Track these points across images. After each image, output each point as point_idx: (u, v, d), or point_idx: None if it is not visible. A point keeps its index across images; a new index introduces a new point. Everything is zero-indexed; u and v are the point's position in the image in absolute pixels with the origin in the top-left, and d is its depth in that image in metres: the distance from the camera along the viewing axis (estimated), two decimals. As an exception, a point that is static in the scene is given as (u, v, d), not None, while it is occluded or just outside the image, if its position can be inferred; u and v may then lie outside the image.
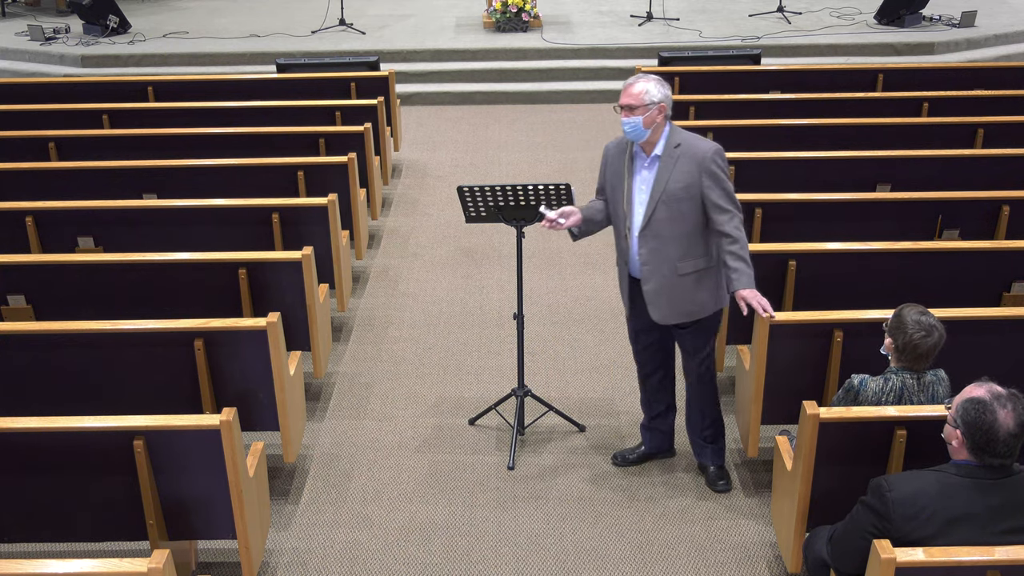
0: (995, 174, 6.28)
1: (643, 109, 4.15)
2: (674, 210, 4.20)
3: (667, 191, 4.19)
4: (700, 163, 4.18)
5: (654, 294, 4.33)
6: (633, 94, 4.17)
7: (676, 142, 4.22)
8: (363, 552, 4.33)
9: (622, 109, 4.19)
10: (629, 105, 4.17)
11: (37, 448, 3.68)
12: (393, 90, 8.19)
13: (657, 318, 4.37)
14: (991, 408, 3.03)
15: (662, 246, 4.25)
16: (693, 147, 4.21)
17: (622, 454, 4.84)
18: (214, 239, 5.53)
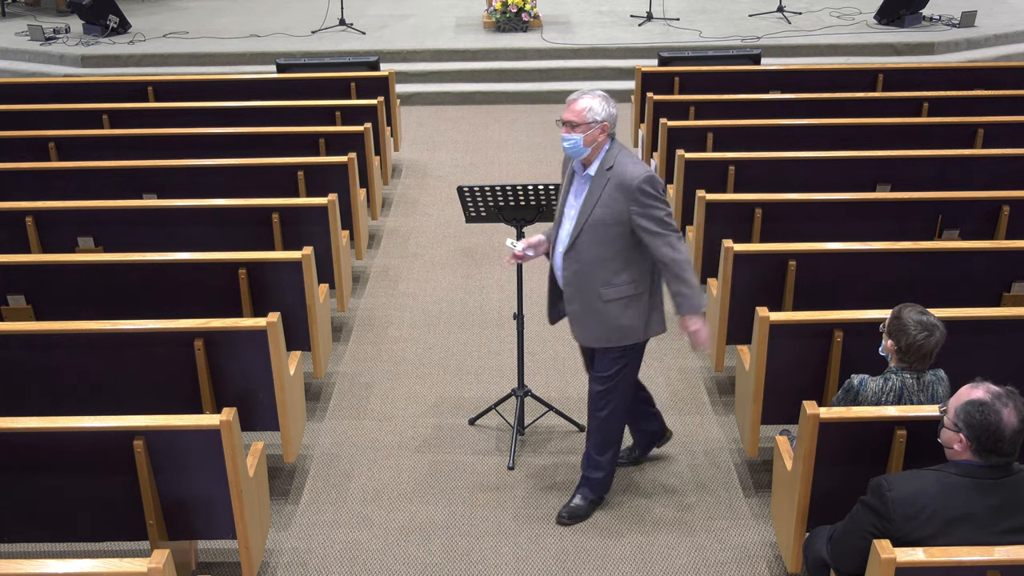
0: (995, 174, 6.28)
1: (585, 127, 3.99)
2: (600, 235, 4.03)
3: (593, 215, 4.03)
4: (627, 191, 3.98)
5: (577, 316, 4.20)
6: (576, 110, 4.00)
7: (609, 164, 4.03)
8: (363, 552, 4.33)
9: (563, 124, 4.03)
10: (571, 122, 4.00)
11: (37, 448, 3.68)
12: (393, 90, 8.19)
13: (576, 336, 4.28)
14: (994, 408, 3.03)
15: (585, 269, 4.09)
16: (623, 173, 4.00)
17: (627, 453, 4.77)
18: (214, 239, 5.53)
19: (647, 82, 8.13)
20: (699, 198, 5.65)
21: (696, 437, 5.06)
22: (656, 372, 5.60)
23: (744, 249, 5.07)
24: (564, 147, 4.11)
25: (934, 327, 3.70)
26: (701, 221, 5.68)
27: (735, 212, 5.65)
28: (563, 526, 4.43)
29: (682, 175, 6.29)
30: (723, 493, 4.66)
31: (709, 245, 5.69)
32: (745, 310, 4.98)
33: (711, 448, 4.98)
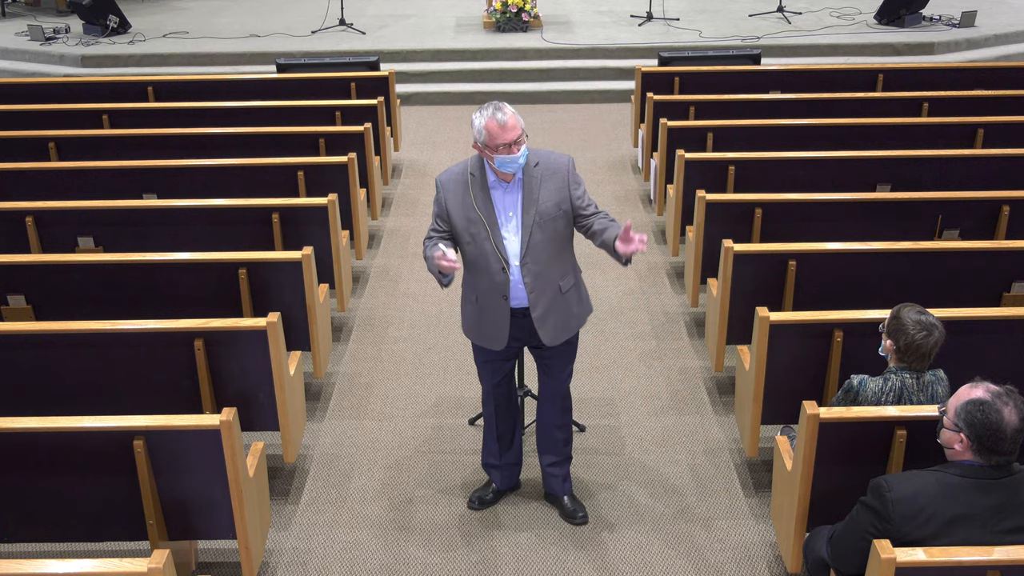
0: (995, 174, 6.28)
1: (524, 137, 3.92)
2: (548, 230, 4.00)
3: (540, 212, 3.97)
4: (562, 176, 4.01)
5: (542, 319, 4.09)
6: (519, 125, 3.88)
7: (534, 161, 4.00)
8: (363, 552, 4.33)
9: (513, 145, 3.86)
10: (521, 135, 3.88)
11: (37, 448, 3.68)
12: (393, 90, 8.19)
13: (548, 340, 4.16)
14: (995, 407, 3.03)
15: (544, 269, 4.03)
16: (551, 163, 4.03)
17: (479, 496, 4.59)
18: (214, 239, 5.53)
19: (647, 82, 8.13)
20: (699, 198, 5.65)
21: (696, 437, 5.07)
22: (656, 372, 5.60)
23: (744, 249, 5.07)
24: (518, 163, 3.91)
25: (933, 327, 3.70)
26: (701, 221, 5.68)
27: (735, 212, 5.65)
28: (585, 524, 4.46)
29: (682, 175, 6.29)
30: (723, 493, 4.66)
31: (709, 245, 5.69)
32: (745, 310, 4.99)
33: (711, 448, 4.98)
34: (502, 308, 4.09)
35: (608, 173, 8.51)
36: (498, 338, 4.16)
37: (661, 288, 6.55)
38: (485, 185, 4.02)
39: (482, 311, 4.14)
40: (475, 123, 3.92)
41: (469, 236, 4.03)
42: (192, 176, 6.30)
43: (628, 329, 6.04)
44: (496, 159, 3.91)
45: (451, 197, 4.04)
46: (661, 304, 6.34)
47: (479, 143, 3.92)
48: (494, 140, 3.87)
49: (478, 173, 4.02)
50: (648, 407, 5.31)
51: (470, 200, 4.01)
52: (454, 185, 4.04)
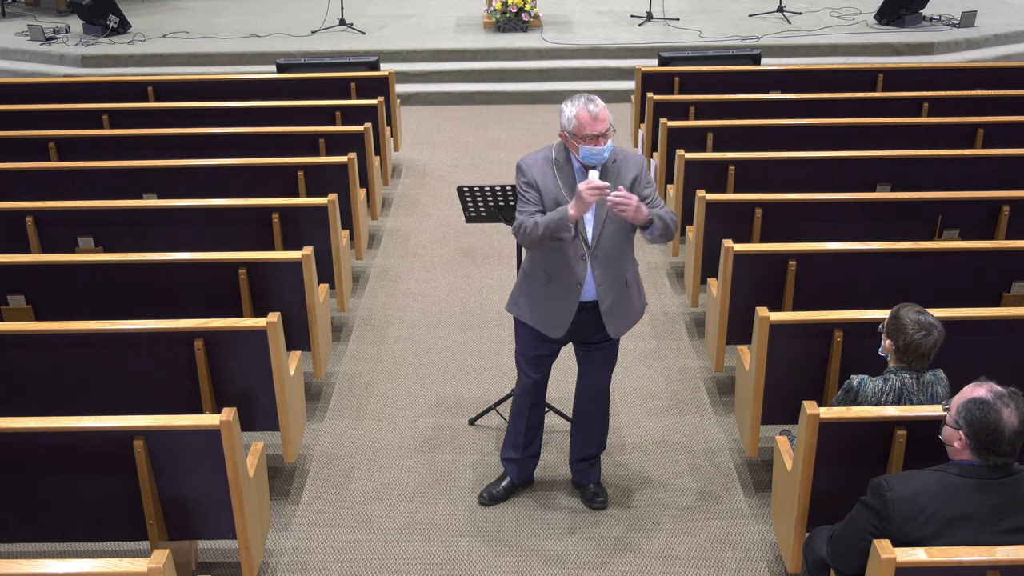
0: (995, 174, 6.28)
1: (612, 131, 4.01)
2: (618, 224, 4.07)
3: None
4: (639, 172, 4.10)
5: (610, 311, 4.17)
6: (608, 119, 3.97)
7: (613, 157, 4.08)
8: (363, 552, 4.33)
9: (600, 138, 3.93)
10: (608, 131, 3.96)
11: (37, 448, 3.68)
12: (393, 90, 8.19)
13: (614, 333, 4.23)
14: (995, 407, 3.03)
15: (611, 262, 4.12)
16: (627, 156, 4.13)
17: (488, 491, 4.62)
18: (214, 239, 5.53)
19: (647, 82, 8.13)
20: (699, 198, 5.65)
21: (696, 437, 5.07)
22: (656, 372, 5.60)
23: (744, 249, 5.07)
24: (603, 156, 3.95)
25: (932, 326, 3.70)
26: (701, 221, 5.68)
27: (735, 212, 5.65)
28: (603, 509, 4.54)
29: (682, 175, 6.29)
30: (723, 493, 4.66)
31: (709, 245, 5.69)
32: (745, 310, 4.99)
33: (711, 448, 4.98)
34: (573, 296, 4.15)
35: (608, 173, 8.50)
36: (561, 325, 4.19)
37: (661, 288, 6.55)
38: (571, 171, 4.07)
39: (551, 295, 4.17)
40: (565, 111, 3.98)
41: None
42: (192, 176, 6.30)
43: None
44: (582, 150, 3.96)
45: (539, 178, 4.07)
46: (661, 304, 6.34)
47: (566, 131, 3.98)
48: (583, 130, 3.93)
49: (563, 159, 4.08)
50: (648, 407, 5.30)
51: (555, 185, 4.05)
52: (540, 168, 4.09)
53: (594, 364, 4.39)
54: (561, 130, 4.01)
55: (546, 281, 4.17)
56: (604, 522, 4.47)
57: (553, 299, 4.18)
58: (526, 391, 4.45)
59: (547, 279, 4.17)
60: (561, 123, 4.00)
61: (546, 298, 4.20)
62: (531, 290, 4.25)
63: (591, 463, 4.59)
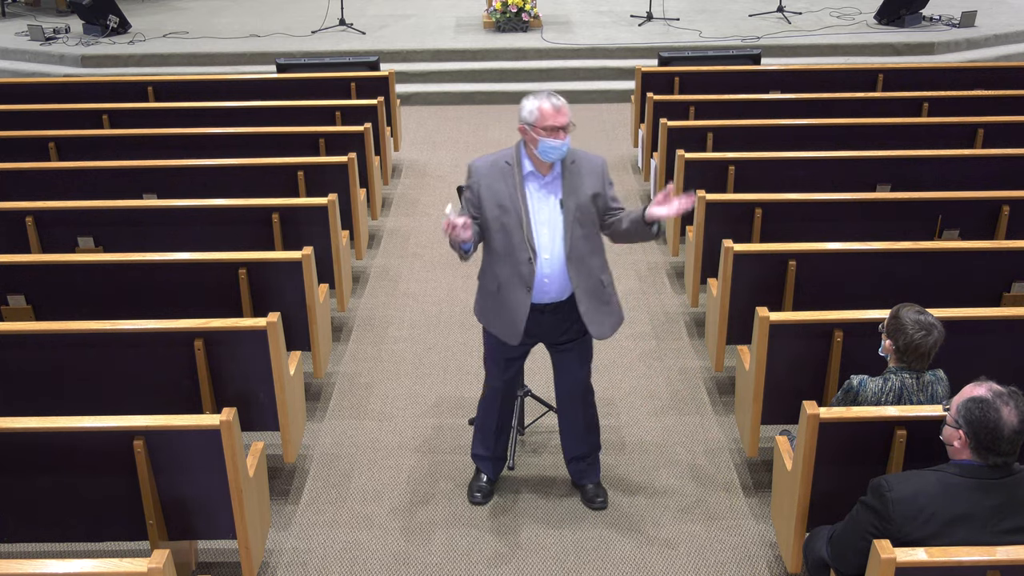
0: (995, 174, 6.28)
1: (571, 127, 4.00)
2: (587, 225, 4.09)
3: (580, 207, 4.05)
4: (597, 172, 4.11)
5: (589, 313, 4.16)
6: (569, 114, 3.96)
7: (571, 158, 4.06)
8: (363, 552, 4.33)
9: (559, 130, 3.92)
10: (568, 126, 3.95)
11: (37, 448, 3.68)
12: (393, 90, 8.19)
13: (597, 334, 4.22)
14: (994, 406, 3.03)
15: (585, 263, 4.11)
16: (585, 159, 4.11)
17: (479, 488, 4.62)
18: (214, 239, 5.53)
19: (647, 82, 8.13)
20: (699, 198, 5.65)
21: (696, 437, 5.07)
22: (656, 372, 5.60)
23: (744, 249, 5.07)
24: (560, 151, 3.96)
25: (932, 326, 3.70)
26: (701, 221, 5.68)
27: (735, 212, 5.65)
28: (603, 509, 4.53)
29: (682, 175, 6.29)
30: (723, 493, 4.66)
31: (709, 245, 5.69)
32: (745, 310, 4.99)
33: (711, 448, 4.98)
34: (523, 301, 4.11)
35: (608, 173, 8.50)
36: (514, 331, 4.17)
37: (661, 288, 6.55)
38: (521, 175, 4.06)
39: (502, 302, 4.16)
40: (527, 105, 3.99)
41: (499, 225, 4.06)
42: (192, 176, 6.30)
43: (628, 329, 6.04)
44: (541, 143, 3.96)
45: (484, 183, 4.07)
46: (661, 304, 6.34)
47: (526, 124, 3.98)
48: (544, 121, 3.93)
49: (515, 162, 4.07)
50: (648, 407, 5.31)
51: (504, 188, 4.05)
52: (488, 171, 4.08)
53: (565, 364, 4.37)
54: (520, 123, 4.01)
55: (496, 289, 4.16)
56: (604, 522, 4.47)
57: (504, 306, 4.16)
58: (495, 393, 4.46)
59: (496, 287, 4.16)
60: (521, 116, 4.00)
61: (497, 305, 4.18)
62: (485, 298, 4.26)
63: (587, 462, 4.59)
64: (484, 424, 4.55)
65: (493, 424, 4.53)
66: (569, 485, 4.69)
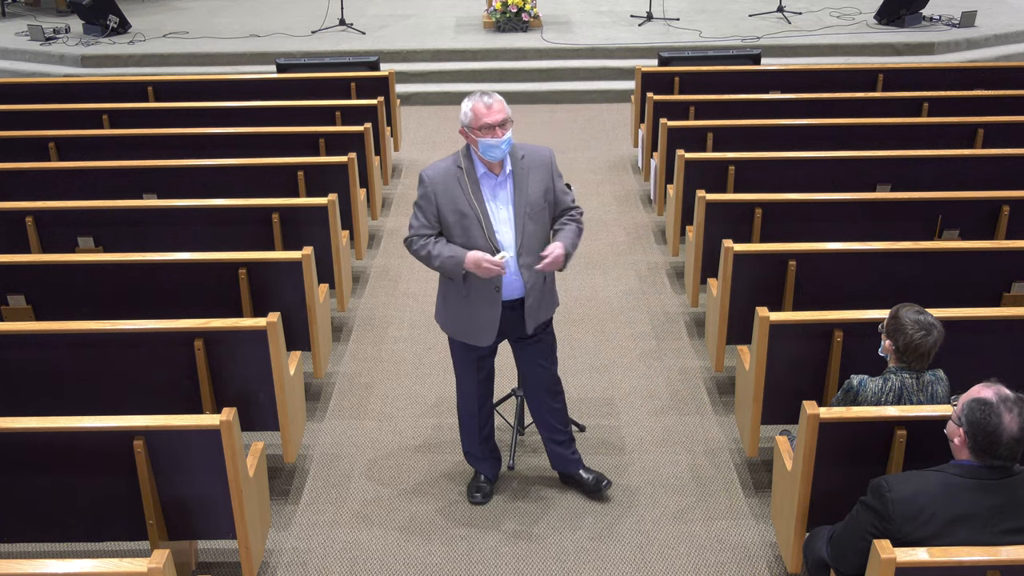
0: (995, 174, 6.28)
1: (509, 123, 4.00)
2: (538, 220, 4.10)
3: (530, 203, 4.06)
4: (546, 166, 4.13)
5: (532, 308, 4.19)
6: (504, 110, 3.96)
7: (520, 154, 4.08)
8: (363, 552, 4.33)
9: (497, 127, 3.93)
10: (506, 120, 3.96)
11: (37, 448, 3.68)
12: (393, 90, 8.19)
13: (531, 329, 4.24)
14: (997, 411, 3.03)
15: (535, 259, 4.10)
16: (535, 153, 4.13)
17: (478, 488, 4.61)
18: (214, 239, 5.53)
19: (647, 82, 8.13)
20: (699, 198, 5.65)
21: (696, 437, 5.07)
22: (656, 372, 5.60)
23: (744, 249, 5.07)
24: (501, 149, 3.96)
25: (931, 326, 3.70)
26: (701, 221, 5.68)
27: (735, 212, 5.65)
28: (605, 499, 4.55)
29: (682, 175, 6.29)
30: (723, 493, 4.66)
31: (709, 245, 5.69)
32: (745, 310, 4.99)
33: (711, 448, 4.98)
34: (493, 300, 4.13)
35: (608, 173, 8.51)
36: (488, 332, 4.20)
37: (661, 288, 6.55)
38: (475, 177, 4.06)
39: (472, 306, 4.16)
40: (462, 108, 4.03)
41: (460, 229, 4.06)
42: (192, 176, 6.30)
43: (628, 329, 6.04)
44: (480, 143, 3.97)
45: (440, 191, 4.07)
46: (661, 304, 6.34)
47: (465, 126, 4.01)
48: (479, 120, 3.94)
49: (466, 165, 4.06)
50: (648, 407, 5.31)
51: (460, 193, 4.05)
52: (443, 179, 4.07)
53: (534, 358, 4.39)
54: (460, 127, 4.03)
55: (465, 293, 4.15)
56: (604, 521, 4.47)
57: (474, 308, 4.17)
58: (472, 395, 4.45)
59: (465, 291, 4.15)
60: (460, 120, 4.03)
61: (467, 308, 4.18)
62: (451, 303, 4.25)
63: (566, 450, 4.57)
64: (467, 426, 4.56)
65: (476, 425, 4.53)
66: (569, 485, 4.68)
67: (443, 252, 4.05)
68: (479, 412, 4.51)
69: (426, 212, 4.11)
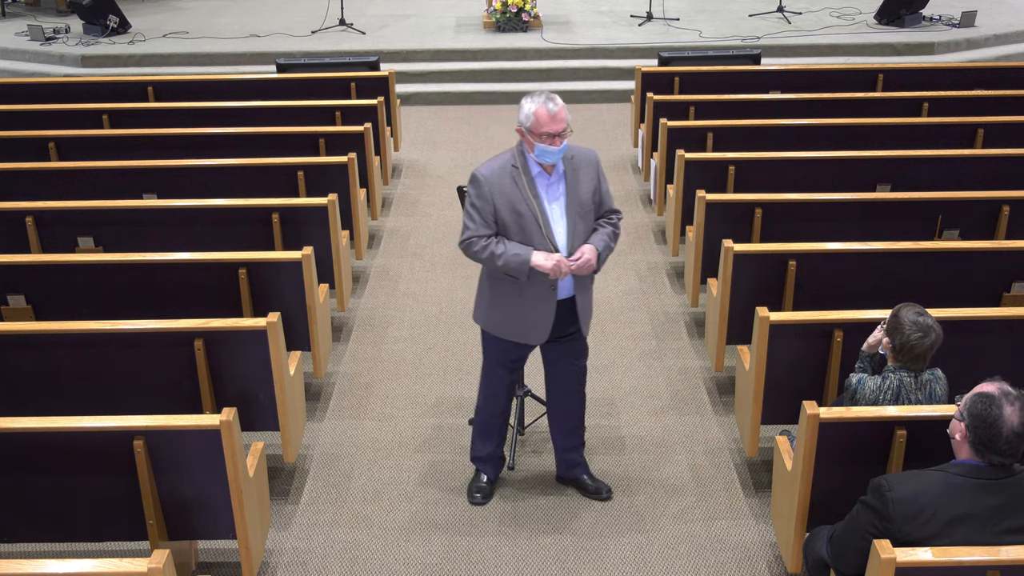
0: (995, 174, 6.28)
1: (568, 131, 4.00)
2: (587, 220, 4.12)
3: (581, 203, 4.08)
4: (593, 166, 4.13)
5: (583, 307, 4.23)
6: (566, 119, 3.94)
7: (570, 154, 4.07)
8: (363, 552, 4.33)
9: (557, 137, 3.91)
10: (564, 131, 3.94)
11: (37, 448, 3.68)
12: (393, 90, 8.19)
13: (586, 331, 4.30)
14: (998, 403, 3.04)
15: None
16: (581, 154, 4.12)
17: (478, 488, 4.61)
18: (214, 239, 5.53)
19: (647, 82, 8.13)
20: (699, 198, 5.65)
21: (696, 437, 5.07)
22: (656, 372, 5.60)
23: (744, 249, 5.07)
24: (556, 155, 3.97)
25: (929, 329, 3.70)
26: (701, 221, 5.68)
27: (735, 212, 5.65)
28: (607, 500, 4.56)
29: (682, 175, 6.29)
30: (723, 493, 4.66)
31: (709, 245, 5.69)
32: (745, 310, 4.99)
33: (711, 448, 4.98)
34: (549, 299, 4.13)
35: (608, 173, 8.49)
36: (540, 331, 4.19)
37: (661, 288, 6.55)
38: (531, 176, 4.05)
39: (526, 304, 4.14)
40: (524, 107, 3.97)
41: (518, 228, 4.04)
42: (192, 176, 6.30)
43: (628, 329, 6.04)
44: (537, 148, 3.96)
45: (497, 191, 4.04)
46: (661, 304, 6.34)
47: (523, 127, 3.97)
48: (540, 127, 3.91)
49: (521, 165, 4.05)
50: (648, 407, 5.31)
51: (517, 192, 4.03)
52: (498, 178, 4.04)
53: (568, 357, 4.39)
54: (518, 125, 4.01)
55: (518, 292, 4.13)
56: (604, 521, 4.47)
57: (529, 306, 4.15)
58: (498, 396, 4.46)
59: (518, 289, 4.12)
60: (519, 118, 4.00)
61: (520, 307, 4.17)
62: (501, 301, 4.21)
63: (579, 454, 4.61)
64: (487, 429, 4.55)
65: (496, 427, 4.54)
66: (569, 485, 4.68)
67: (508, 251, 4.02)
68: (501, 415, 4.51)
69: (482, 212, 4.05)
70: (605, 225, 4.20)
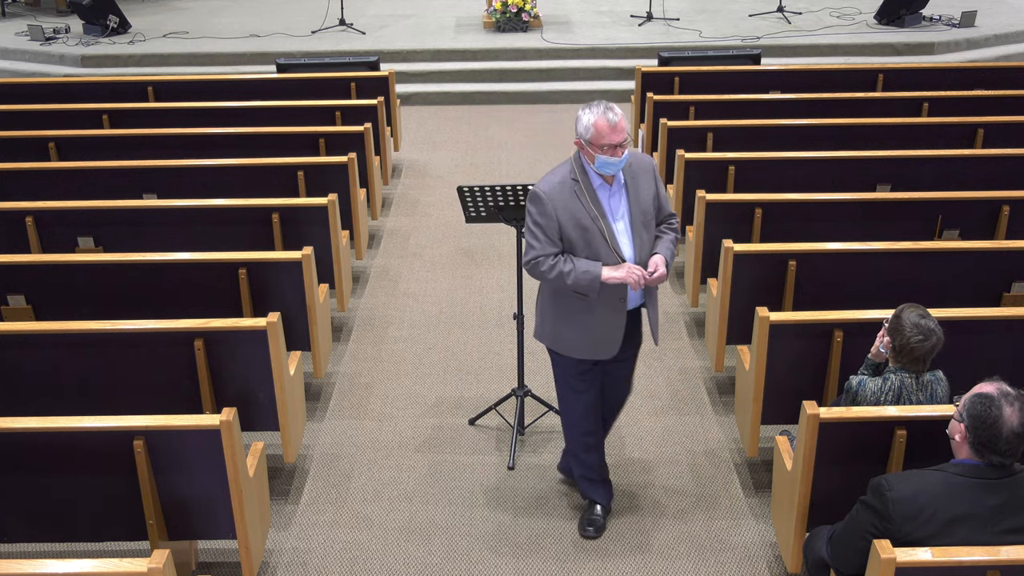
0: (995, 174, 6.28)
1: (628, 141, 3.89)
2: (650, 228, 4.03)
3: (643, 212, 3.98)
4: (652, 173, 4.04)
5: (655, 316, 4.18)
6: (626, 129, 3.83)
7: (628, 161, 3.95)
8: (363, 552, 4.33)
9: (618, 148, 3.80)
10: (625, 141, 3.83)
11: (37, 448, 3.68)
12: (393, 90, 8.19)
13: (657, 339, 4.27)
14: (998, 404, 3.04)
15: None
16: (639, 160, 4.01)
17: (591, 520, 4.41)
18: (214, 239, 5.53)
19: (647, 82, 8.13)
20: (699, 198, 5.65)
21: (696, 437, 5.07)
22: (656, 372, 5.60)
23: (744, 249, 5.07)
24: (616, 167, 3.86)
25: (931, 332, 3.69)
26: (701, 221, 5.68)
27: (735, 212, 5.65)
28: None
29: (682, 175, 6.29)
30: (723, 493, 4.66)
31: (709, 245, 5.69)
32: (745, 310, 4.99)
33: (711, 448, 4.98)
34: (619, 311, 4.03)
35: (608, 173, 8.50)
36: (611, 344, 4.07)
37: (661, 288, 6.54)
38: (592, 189, 3.93)
39: (597, 319, 4.02)
40: (583, 119, 3.84)
41: (584, 242, 3.91)
42: (192, 176, 6.30)
43: (628, 329, 6.04)
44: (597, 159, 3.84)
45: (560, 207, 3.89)
46: (661, 304, 6.34)
47: (583, 139, 3.85)
48: (600, 139, 3.80)
49: (582, 178, 3.92)
50: (648, 407, 5.31)
51: (580, 207, 3.90)
52: (560, 194, 3.90)
53: (618, 377, 4.32)
54: (577, 137, 3.88)
55: (587, 308, 4.00)
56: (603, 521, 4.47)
57: (599, 321, 4.03)
58: (586, 414, 4.26)
59: (588, 305, 3.99)
60: (578, 130, 3.86)
61: (590, 322, 4.04)
62: (569, 318, 4.07)
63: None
64: (583, 448, 4.35)
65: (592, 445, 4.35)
66: (569, 485, 4.68)
67: (576, 268, 3.88)
68: (594, 431, 4.33)
69: (547, 230, 3.90)
70: (667, 231, 4.13)
